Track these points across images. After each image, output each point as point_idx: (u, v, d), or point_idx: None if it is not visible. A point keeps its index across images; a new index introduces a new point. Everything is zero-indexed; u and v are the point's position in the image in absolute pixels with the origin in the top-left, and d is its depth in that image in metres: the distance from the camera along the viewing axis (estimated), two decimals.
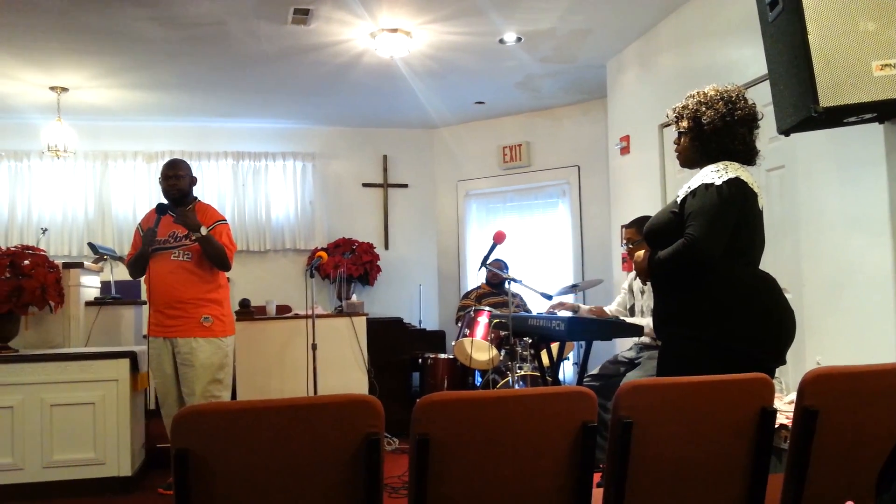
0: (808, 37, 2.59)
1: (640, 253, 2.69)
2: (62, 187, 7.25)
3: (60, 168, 7.17)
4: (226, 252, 4.14)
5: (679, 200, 2.55)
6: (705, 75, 4.52)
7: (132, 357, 4.22)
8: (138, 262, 4.22)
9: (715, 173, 2.48)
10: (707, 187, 2.45)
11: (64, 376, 4.07)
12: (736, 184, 2.45)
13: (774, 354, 2.47)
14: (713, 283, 2.45)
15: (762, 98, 3.28)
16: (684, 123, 2.64)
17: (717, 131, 2.55)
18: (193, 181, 4.32)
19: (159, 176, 4.27)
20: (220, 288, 4.24)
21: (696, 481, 1.88)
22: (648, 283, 2.95)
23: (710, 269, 2.44)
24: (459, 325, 5.81)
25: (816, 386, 1.85)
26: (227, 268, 4.23)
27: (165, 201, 4.26)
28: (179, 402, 4.13)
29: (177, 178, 4.21)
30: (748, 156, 2.59)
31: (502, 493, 1.74)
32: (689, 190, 2.51)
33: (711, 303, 2.44)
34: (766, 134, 3.84)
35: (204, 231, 4.05)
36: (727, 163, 2.52)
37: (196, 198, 4.33)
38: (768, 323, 2.45)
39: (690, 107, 2.63)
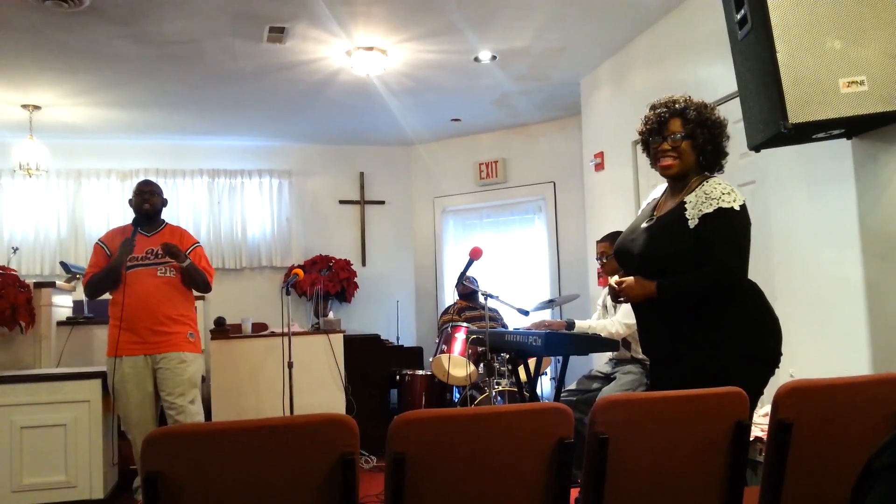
0: (777, 55, 2.64)
1: (631, 281, 2.47)
2: (34, 206, 7.15)
3: (32, 186, 7.07)
4: (208, 277, 4.18)
5: (692, 225, 2.38)
6: (677, 92, 4.57)
7: (104, 378, 4.16)
8: (109, 276, 3.99)
9: (728, 196, 2.37)
10: (727, 212, 2.34)
11: (34, 398, 4.00)
12: (745, 205, 2.41)
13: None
14: (741, 300, 2.39)
15: (733, 115, 3.31)
16: (689, 126, 2.45)
17: (720, 141, 2.50)
18: (164, 203, 4.30)
19: (133, 193, 4.22)
20: (194, 306, 4.28)
21: (673, 495, 1.88)
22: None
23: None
24: (437, 340, 5.80)
25: (791, 399, 1.86)
26: (209, 290, 4.28)
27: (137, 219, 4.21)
28: (155, 422, 4.04)
29: (151, 194, 4.19)
30: (721, 168, 2.56)
31: None
32: (701, 213, 2.37)
33: (742, 320, 2.38)
34: (737, 150, 3.89)
35: (188, 260, 4.04)
36: (723, 180, 2.44)
37: (164, 220, 4.28)
38: (779, 333, 2.46)
39: (692, 108, 2.47)
